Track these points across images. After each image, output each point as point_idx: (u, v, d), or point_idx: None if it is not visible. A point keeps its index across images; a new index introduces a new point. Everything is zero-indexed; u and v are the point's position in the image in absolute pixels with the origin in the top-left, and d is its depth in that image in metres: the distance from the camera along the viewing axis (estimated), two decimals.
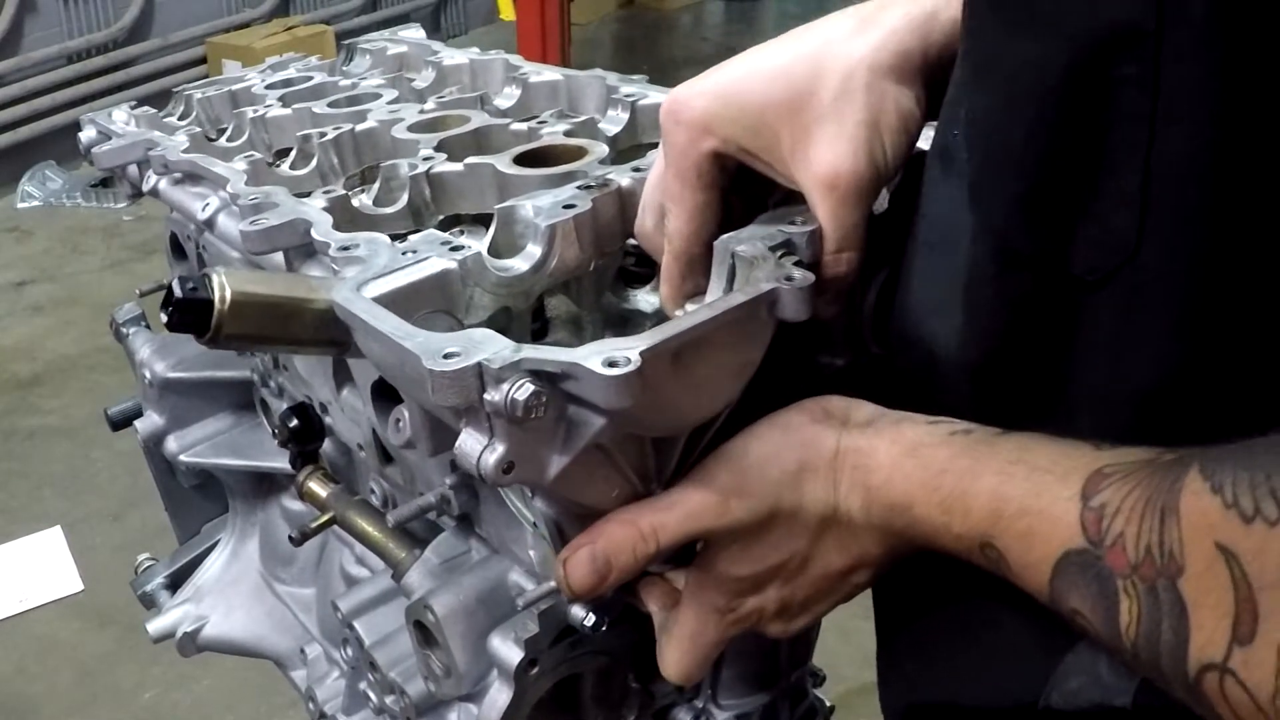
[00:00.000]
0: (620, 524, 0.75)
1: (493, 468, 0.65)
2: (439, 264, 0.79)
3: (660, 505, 0.76)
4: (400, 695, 0.95)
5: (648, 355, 0.65)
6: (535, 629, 0.85)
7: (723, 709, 1.06)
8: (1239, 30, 0.60)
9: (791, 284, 0.73)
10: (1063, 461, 0.65)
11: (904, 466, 0.72)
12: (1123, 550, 0.60)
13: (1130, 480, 0.61)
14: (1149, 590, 0.59)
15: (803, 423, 0.76)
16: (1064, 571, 0.63)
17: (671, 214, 0.83)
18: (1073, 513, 0.63)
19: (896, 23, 0.78)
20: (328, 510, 1.06)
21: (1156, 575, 0.58)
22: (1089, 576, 0.62)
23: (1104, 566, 0.61)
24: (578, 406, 0.67)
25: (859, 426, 0.75)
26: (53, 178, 5.33)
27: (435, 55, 1.33)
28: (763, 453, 0.75)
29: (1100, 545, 0.61)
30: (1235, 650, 0.55)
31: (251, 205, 0.93)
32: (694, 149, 0.81)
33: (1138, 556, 0.59)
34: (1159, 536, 0.58)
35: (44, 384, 3.87)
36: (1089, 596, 0.62)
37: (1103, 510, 0.61)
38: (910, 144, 0.80)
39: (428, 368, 0.64)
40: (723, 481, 0.75)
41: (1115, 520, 0.60)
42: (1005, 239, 0.71)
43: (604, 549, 0.75)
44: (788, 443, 0.75)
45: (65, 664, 2.73)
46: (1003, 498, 0.66)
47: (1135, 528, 0.59)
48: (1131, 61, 0.62)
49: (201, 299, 0.74)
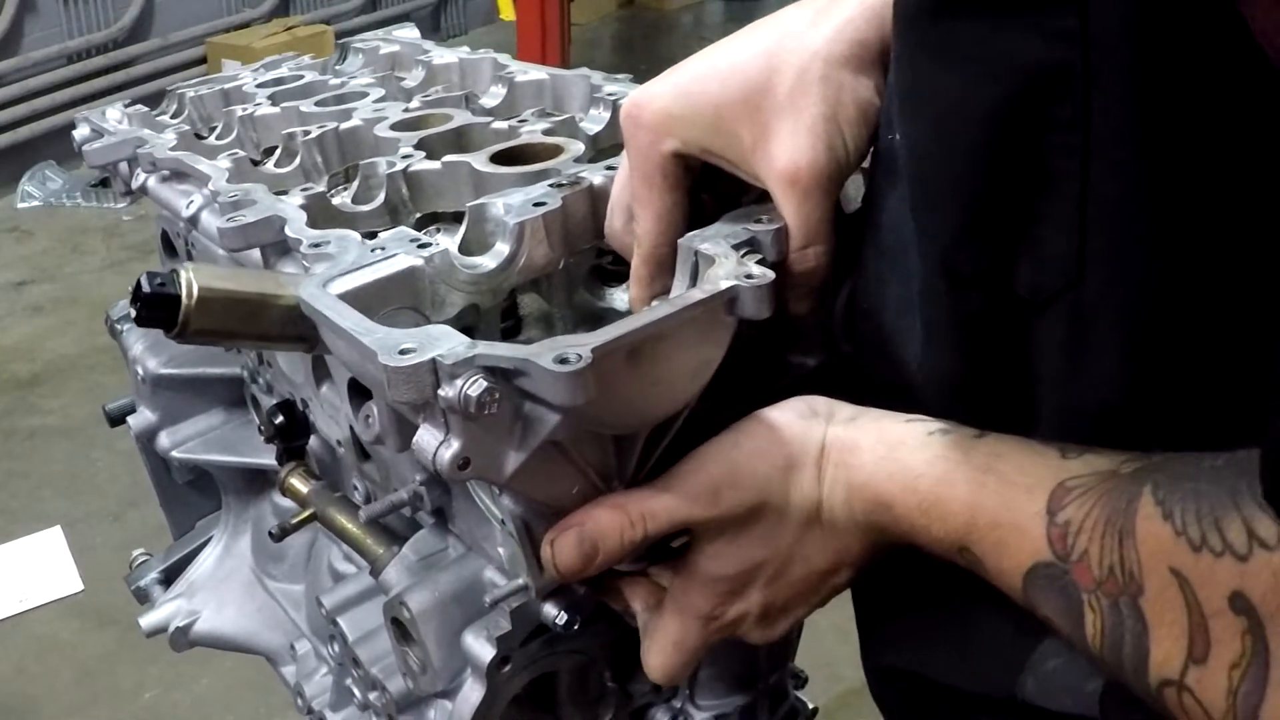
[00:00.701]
0: (609, 508, 0.76)
1: (448, 463, 0.66)
2: (406, 261, 0.80)
3: (651, 492, 0.76)
4: (382, 691, 0.95)
5: (600, 352, 0.65)
6: (507, 627, 0.85)
7: (700, 709, 1.06)
8: (1164, 71, 0.61)
9: (751, 282, 0.73)
10: (1030, 472, 0.67)
11: (885, 466, 0.73)
12: (1088, 567, 0.62)
13: (1091, 497, 0.63)
14: (1112, 606, 0.61)
15: (790, 420, 0.77)
16: (1034, 581, 0.66)
17: (639, 216, 0.84)
18: (1039, 527, 0.65)
19: (852, 12, 0.78)
20: (308, 506, 1.07)
21: (1119, 592, 0.61)
22: (1056, 589, 0.64)
23: (1070, 580, 0.63)
24: (533, 403, 0.67)
25: (843, 422, 0.77)
26: (53, 178, 5.34)
27: (426, 54, 1.34)
28: (753, 447, 0.76)
29: (1067, 560, 0.64)
30: (1191, 668, 0.58)
31: (230, 202, 0.94)
32: (655, 150, 0.82)
33: (1102, 574, 0.62)
34: (1119, 556, 0.61)
35: (44, 384, 3.87)
36: (1058, 607, 0.65)
37: (1067, 527, 0.64)
38: (870, 134, 0.80)
39: (383, 363, 0.65)
40: (713, 472, 0.76)
41: (1079, 538, 0.63)
42: (949, 259, 0.71)
43: (592, 531, 0.75)
44: (776, 439, 0.76)
45: (65, 664, 2.74)
46: (976, 507, 0.68)
47: (1098, 546, 0.62)
48: (1063, 101, 0.63)
49: (169, 294, 0.74)
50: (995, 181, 0.67)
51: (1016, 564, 0.66)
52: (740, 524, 0.76)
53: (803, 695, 1.19)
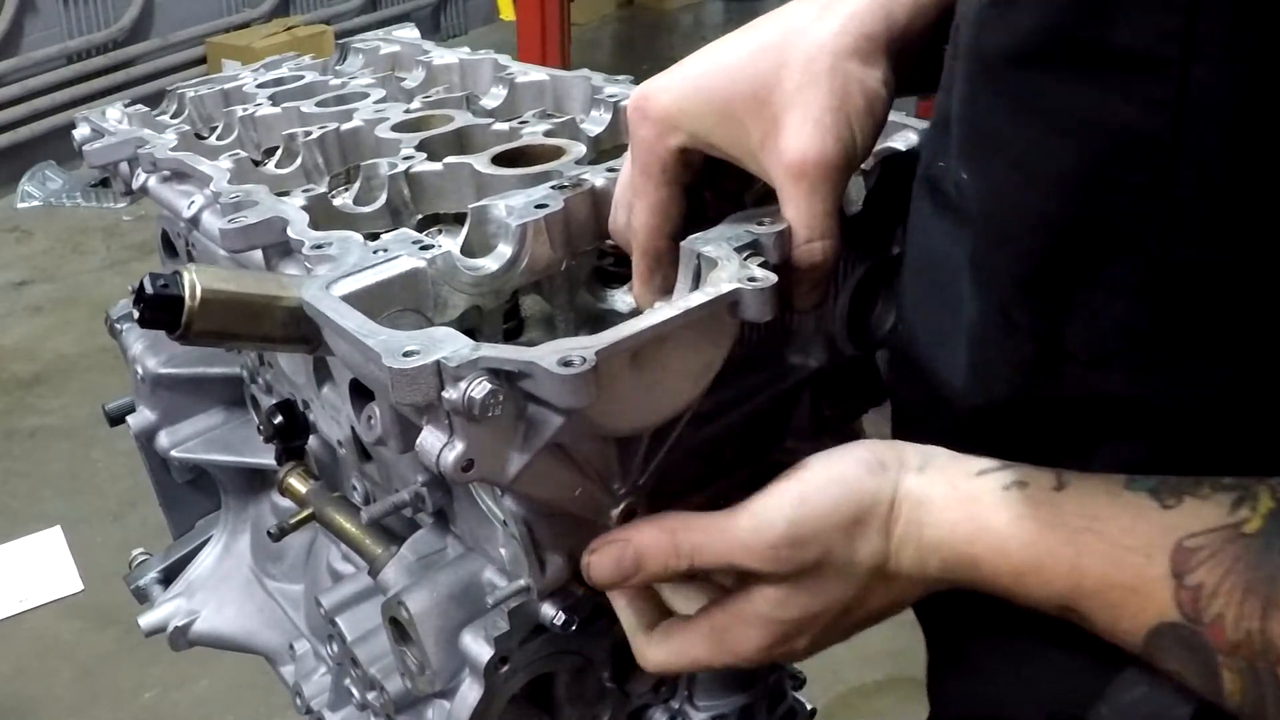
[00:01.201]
0: (660, 531, 0.75)
1: (452, 465, 0.66)
2: (409, 263, 0.80)
3: (708, 528, 0.75)
4: (380, 691, 0.95)
5: (603, 355, 0.65)
6: (506, 627, 0.85)
7: (699, 710, 1.06)
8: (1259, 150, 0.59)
9: (754, 285, 0.73)
10: (1138, 532, 0.65)
11: (964, 528, 0.71)
12: (1222, 630, 0.61)
13: (1222, 561, 0.62)
14: (1250, 669, 0.61)
15: (859, 475, 0.75)
16: (1159, 639, 0.65)
17: (635, 209, 0.84)
18: (1165, 590, 0.63)
19: (857, 6, 0.78)
20: (307, 506, 1.07)
21: (1256, 657, 0.60)
22: (1186, 648, 0.63)
23: (1203, 641, 0.62)
24: (536, 405, 0.67)
25: (913, 472, 0.74)
26: (53, 178, 5.34)
27: (426, 55, 1.34)
28: (821, 504, 0.73)
29: (1199, 622, 0.62)
30: None
31: (231, 203, 0.94)
32: (660, 144, 0.81)
33: (1238, 637, 0.61)
34: (1259, 625, 0.60)
35: (44, 384, 3.88)
36: (1188, 664, 0.64)
37: (1199, 590, 0.62)
38: (878, 126, 0.79)
39: (387, 365, 0.65)
40: (779, 526, 0.73)
41: (1214, 602, 0.62)
42: (1007, 308, 0.70)
43: (635, 552, 0.75)
44: (845, 495, 0.73)
45: (65, 664, 2.74)
46: (1082, 572, 0.66)
47: (1235, 612, 0.61)
48: (1143, 169, 0.61)
49: (172, 295, 0.75)
50: (1063, 238, 0.65)
51: (1138, 625, 0.65)
52: (799, 578, 0.74)
53: (802, 696, 1.19)
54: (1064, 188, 0.64)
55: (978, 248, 0.72)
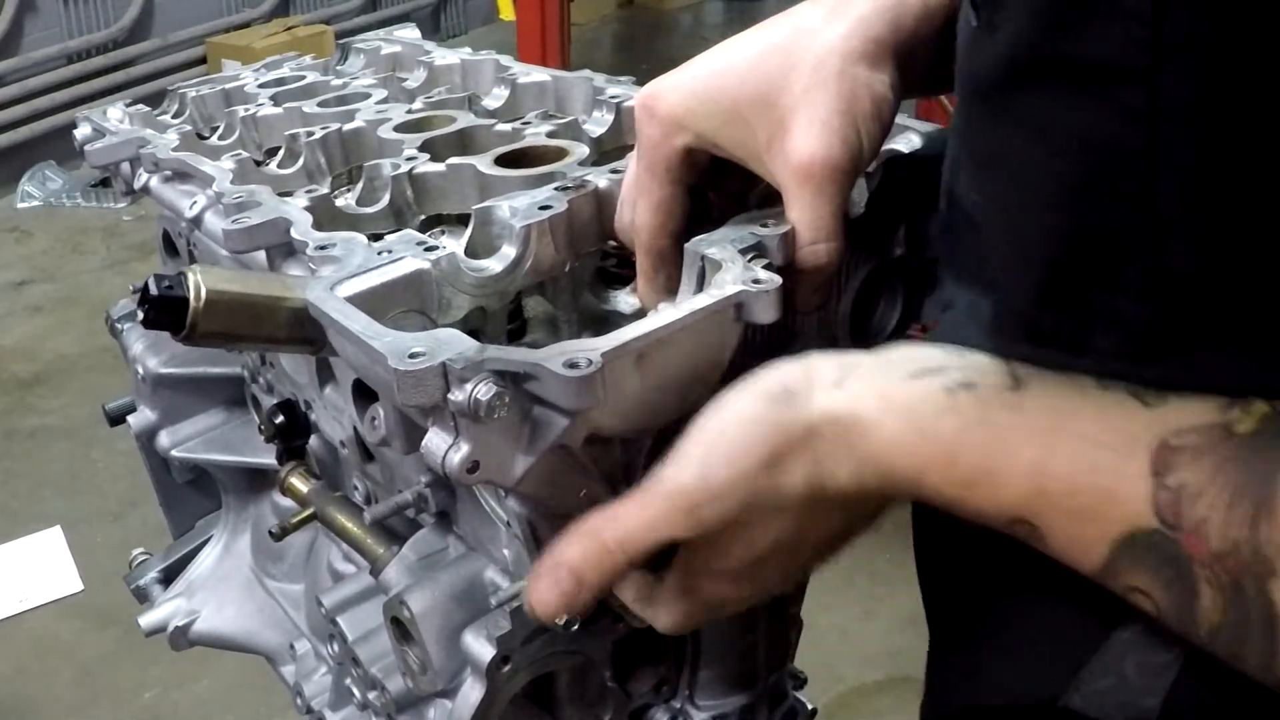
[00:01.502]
0: (584, 538, 0.72)
1: (457, 467, 0.66)
2: (413, 264, 0.80)
3: (627, 515, 0.72)
4: (381, 691, 0.95)
5: (609, 357, 0.65)
6: (508, 626, 0.85)
7: (700, 710, 1.06)
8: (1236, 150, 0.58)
9: (758, 287, 0.73)
10: (1114, 427, 0.60)
11: (904, 441, 0.66)
12: (1204, 539, 0.56)
13: (1211, 460, 0.57)
14: (1234, 585, 0.55)
15: (764, 409, 0.70)
16: (1127, 551, 0.59)
17: (638, 207, 0.84)
18: (1142, 491, 0.58)
19: (865, 9, 0.78)
20: (308, 506, 1.07)
21: (1243, 570, 0.55)
22: (1160, 558, 0.58)
23: (1179, 550, 0.57)
24: (541, 407, 0.68)
25: (828, 390, 0.69)
26: (53, 178, 5.34)
27: (428, 55, 1.34)
28: (727, 450, 0.70)
29: (1178, 529, 0.57)
30: None
31: (235, 204, 0.94)
32: (666, 144, 0.82)
33: (1223, 547, 0.55)
34: (1249, 533, 0.55)
35: (44, 384, 3.88)
36: (1160, 578, 0.58)
37: (1181, 492, 0.57)
38: (884, 129, 0.79)
39: (393, 367, 0.65)
40: (688, 486, 0.70)
41: (1197, 505, 0.56)
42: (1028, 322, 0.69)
43: (570, 571, 0.71)
44: (752, 434, 0.69)
45: (65, 664, 2.74)
46: (1045, 474, 0.61)
47: (1221, 516, 0.56)
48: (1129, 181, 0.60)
49: (177, 297, 0.75)
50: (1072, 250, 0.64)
51: (1102, 533, 0.60)
52: (731, 528, 0.71)
53: (802, 696, 1.20)
54: (1064, 202, 0.64)
55: (997, 262, 0.71)
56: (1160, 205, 0.60)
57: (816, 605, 1.07)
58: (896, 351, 0.70)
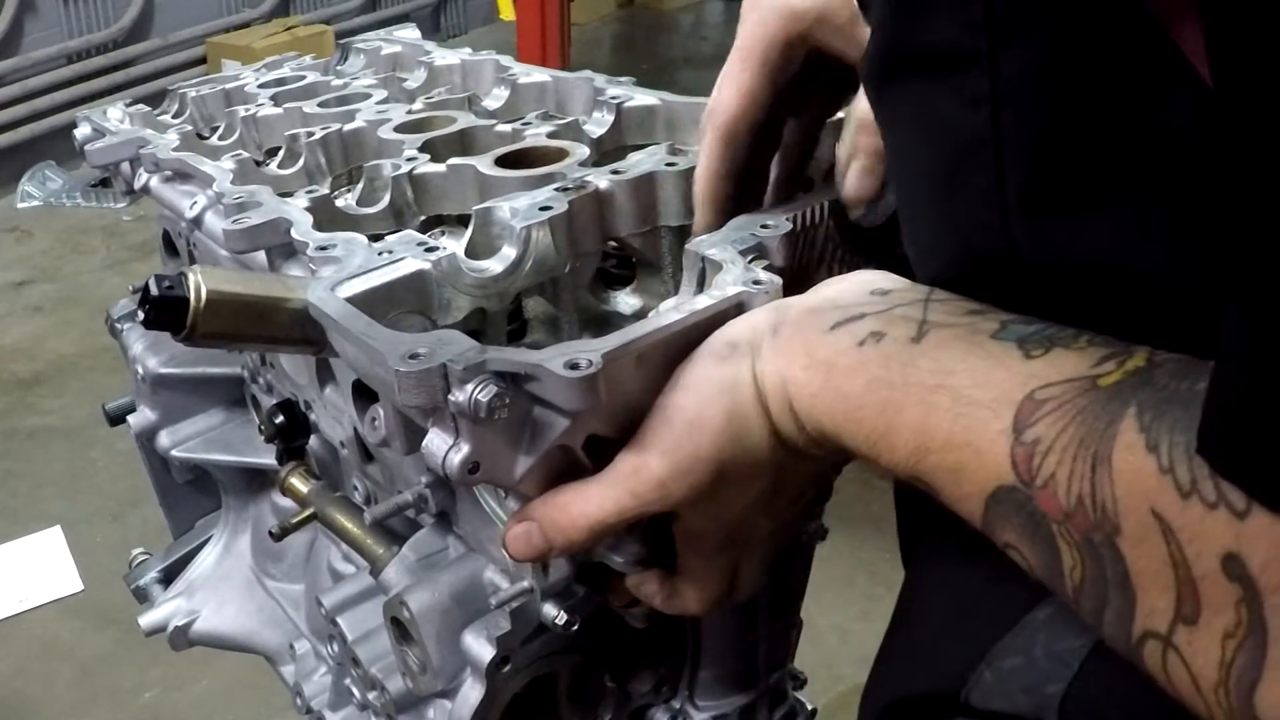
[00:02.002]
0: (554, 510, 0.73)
1: (458, 467, 0.66)
2: (413, 265, 0.80)
3: (593, 498, 0.72)
4: (381, 691, 0.96)
5: (609, 358, 0.66)
6: (507, 627, 0.85)
7: (700, 710, 1.06)
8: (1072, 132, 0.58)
9: (759, 288, 0.73)
10: (990, 384, 0.59)
11: (823, 399, 0.66)
12: (1054, 494, 0.55)
13: (1066, 412, 0.55)
14: (1086, 542, 0.54)
15: (710, 373, 0.71)
16: (995, 507, 0.59)
17: (721, 90, 0.84)
18: (1002, 447, 0.57)
19: None
20: (308, 506, 1.07)
21: (1091, 528, 0.53)
22: (1022, 516, 0.57)
23: (1035, 507, 0.56)
24: (542, 408, 0.68)
25: (767, 339, 0.70)
26: (53, 178, 5.34)
27: (428, 55, 1.34)
28: (684, 422, 0.70)
29: (1031, 485, 0.56)
30: (1180, 627, 0.51)
31: (235, 204, 0.95)
32: (763, 31, 0.82)
33: (1069, 504, 0.54)
34: (1090, 486, 0.53)
35: (44, 384, 3.87)
36: (1024, 535, 0.58)
37: (1034, 446, 0.56)
38: None
39: (393, 368, 0.65)
40: (652, 467, 0.70)
41: (1047, 459, 0.55)
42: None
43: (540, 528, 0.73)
44: (704, 400, 0.70)
45: (65, 664, 2.73)
46: (927, 433, 0.61)
47: (1067, 470, 0.54)
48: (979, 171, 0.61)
49: (177, 297, 0.75)
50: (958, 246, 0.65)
51: (975, 489, 0.59)
52: (707, 495, 0.71)
53: (802, 696, 1.20)
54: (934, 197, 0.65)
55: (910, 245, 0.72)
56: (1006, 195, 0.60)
57: (816, 605, 1.07)
58: (829, 289, 0.71)
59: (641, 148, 1.01)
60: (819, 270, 0.87)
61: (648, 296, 0.95)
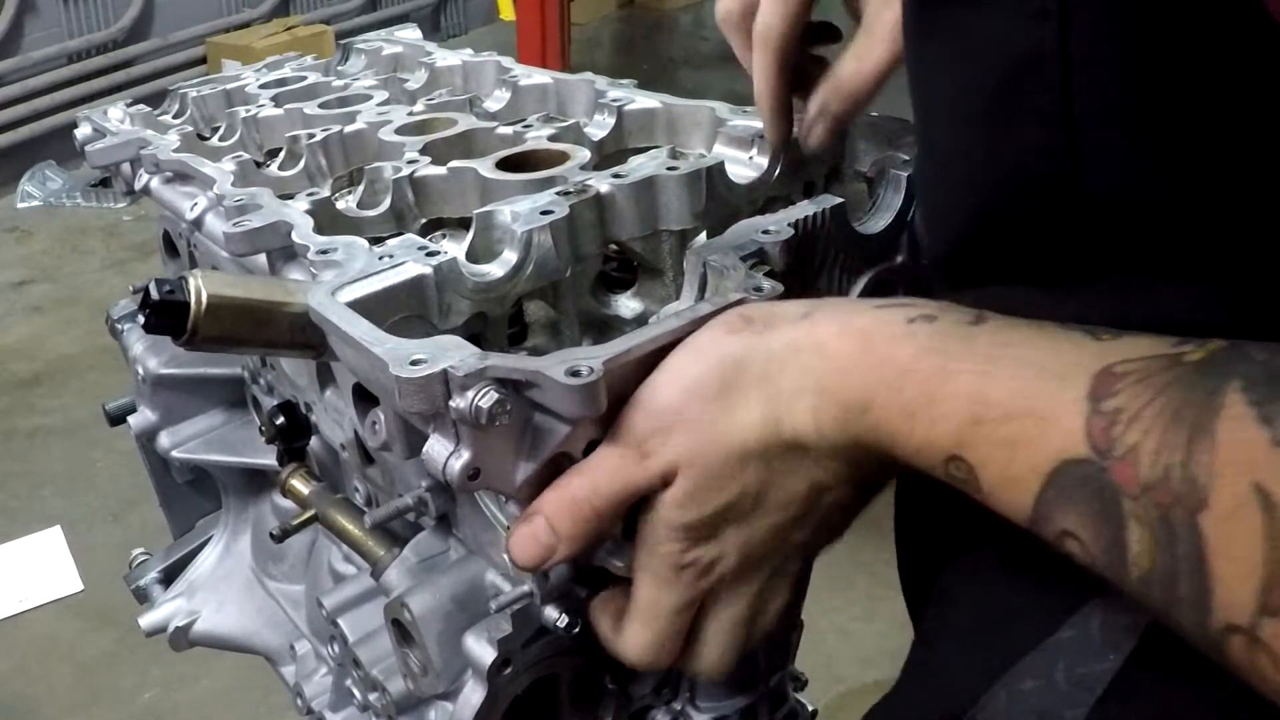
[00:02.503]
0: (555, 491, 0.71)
1: (458, 473, 0.66)
2: (414, 269, 0.80)
3: (590, 467, 0.70)
4: (382, 693, 0.96)
5: (610, 365, 0.65)
6: (509, 629, 0.85)
7: (701, 711, 1.06)
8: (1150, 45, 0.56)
9: (760, 294, 0.73)
10: (1060, 356, 0.56)
11: (862, 363, 0.62)
12: (1134, 465, 0.51)
13: (1151, 383, 0.52)
14: (1163, 520, 0.50)
15: (716, 338, 0.68)
16: (1057, 484, 0.54)
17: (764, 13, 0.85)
18: (1077, 416, 0.53)
19: None
20: (309, 508, 1.07)
21: (1173, 503, 0.50)
22: (1089, 492, 0.53)
23: (1108, 481, 0.52)
24: (543, 414, 0.68)
25: (791, 322, 0.67)
26: (53, 178, 5.34)
27: (429, 56, 1.34)
28: (677, 386, 0.67)
29: (1107, 455, 0.52)
30: (1265, 621, 0.47)
31: (236, 206, 0.95)
32: None
33: (1153, 476, 0.50)
34: (1183, 456, 0.49)
35: (44, 384, 3.87)
36: (1088, 515, 0.53)
37: (1116, 415, 0.52)
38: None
39: (394, 374, 0.65)
40: (640, 430, 0.68)
41: (1131, 429, 0.52)
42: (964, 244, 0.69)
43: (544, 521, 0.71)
44: (702, 365, 0.67)
45: (65, 664, 2.73)
46: (983, 400, 0.57)
47: (1155, 441, 0.51)
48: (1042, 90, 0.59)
49: (178, 301, 0.75)
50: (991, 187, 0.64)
51: (1035, 464, 0.55)
52: (684, 470, 0.68)
53: (802, 697, 1.20)
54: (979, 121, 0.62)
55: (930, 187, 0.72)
56: (1075, 116, 0.58)
57: (816, 605, 1.07)
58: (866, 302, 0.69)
59: (643, 151, 1.01)
60: (820, 276, 0.87)
61: (649, 300, 0.95)
